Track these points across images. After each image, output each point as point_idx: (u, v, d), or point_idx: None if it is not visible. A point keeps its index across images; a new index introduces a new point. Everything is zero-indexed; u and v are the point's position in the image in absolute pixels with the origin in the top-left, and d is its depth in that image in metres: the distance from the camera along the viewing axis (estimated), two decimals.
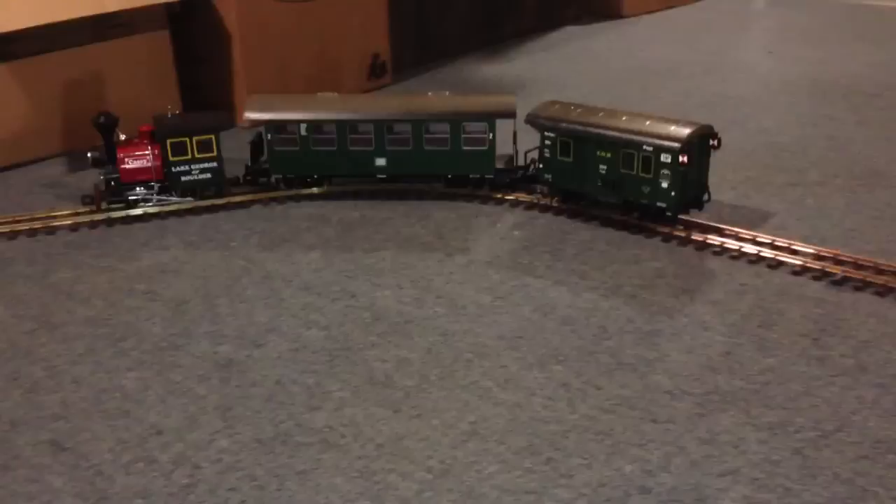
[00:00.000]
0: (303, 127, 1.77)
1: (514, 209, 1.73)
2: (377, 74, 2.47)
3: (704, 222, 1.60)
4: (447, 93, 1.84)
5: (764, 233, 1.56)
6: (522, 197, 1.75)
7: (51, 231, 1.66)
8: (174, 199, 1.74)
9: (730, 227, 1.58)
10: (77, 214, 1.70)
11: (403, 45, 2.61)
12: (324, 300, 1.43)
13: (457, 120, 1.76)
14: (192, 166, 1.73)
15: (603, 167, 1.62)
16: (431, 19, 2.77)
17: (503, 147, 1.78)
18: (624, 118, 1.62)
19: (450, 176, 1.80)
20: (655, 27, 3.20)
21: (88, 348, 1.30)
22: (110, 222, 1.70)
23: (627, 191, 1.61)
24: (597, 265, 1.51)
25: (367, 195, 1.80)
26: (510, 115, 1.75)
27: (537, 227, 1.66)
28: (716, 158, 1.66)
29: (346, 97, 1.89)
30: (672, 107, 2.29)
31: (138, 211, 1.72)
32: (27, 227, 1.66)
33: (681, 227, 1.60)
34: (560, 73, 2.64)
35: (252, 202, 1.78)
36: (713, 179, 1.66)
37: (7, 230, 1.65)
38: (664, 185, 1.56)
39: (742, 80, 2.54)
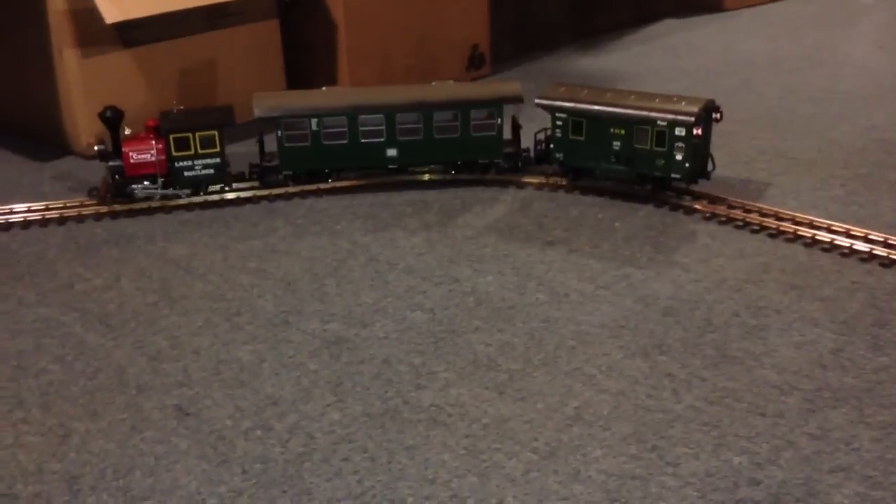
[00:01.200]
0: (313, 121, 1.78)
1: (614, 203, 1.73)
2: (476, 65, 2.49)
3: (814, 219, 1.57)
4: (451, 81, 1.90)
5: (876, 231, 1.53)
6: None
7: (167, 210, 1.75)
8: (179, 193, 1.75)
9: (839, 224, 1.55)
10: (191, 196, 1.79)
11: (501, 36, 2.63)
12: (427, 284, 1.46)
13: (465, 107, 1.78)
14: (195, 161, 1.74)
15: (617, 143, 1.69)
16: (528, 11, 2.78)
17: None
18: (633, 97, 1.71)
19: (459, 162, 1.83)
20: (758, 20, 3.12)
21: (206, 321, 1.37)
22: (222, 204, 1.77)
23: (641, 164, 1.68)
24: (700, 258, 1.50)
25: (466, 183, 1.83)
26: (517, 100, 1.80)
27: (638, 219, 1.65)
28: (825, 155, 1.63)
29: (352, 90, 1.92)
30: (777, 101, 2.25)
31: (248, 193, 1.80)
32: (146, 206, 1.75)
33: (789, 224, 1.57)
34: (659, 66, 2.62)
35: (356, 187, 1.84)
36: (822, 175, 1.63)
37: (126, 209, 1.74)
38: (678, 157, 1.63)
39: (850, 76, 2.47)
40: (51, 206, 1.72)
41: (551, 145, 1.79)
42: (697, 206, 1.66)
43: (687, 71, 2.56)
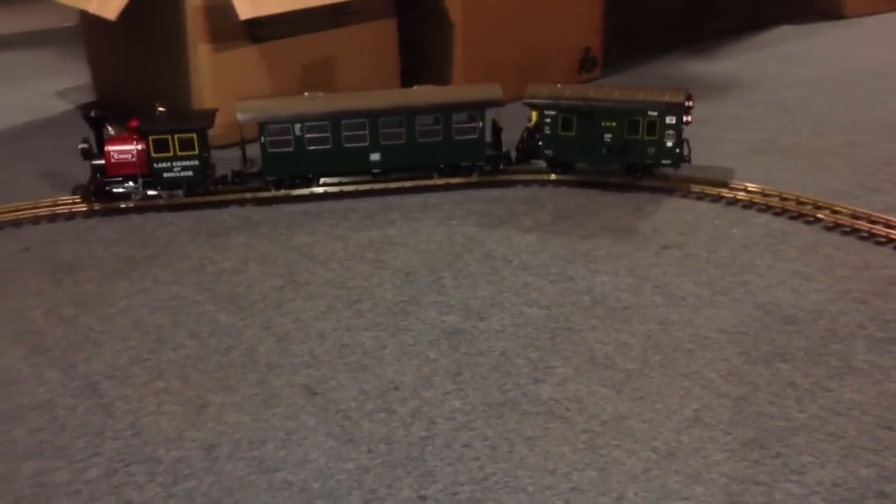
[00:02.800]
0: (296, 127, 1.79)
1: (731, 209, 1.71)
2: (587, 69, 2.50)
3: None
4: (432, 86, 1.90)
5: None
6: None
7: (289, 201, 1.82)
8: (160, 193, 1.78)
9: None
10: (309, 188, 1.86)
11: (609, 39, 2.62)
12: (543, 281, 1.48)
13: (447, 111, 1.80)
14: (174, 163, 1.76)
15: (608, 136, 1.77)
16: (638, 14, 2.76)
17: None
18: (616, 91, 1.80)
19: (442, 165, 1.85)
20: (880, 28, 3.02)
21: (329, 307, 1.42)
22: (341, 196, 1.83)
23: (632, 154, 1.78)
24: (821, 267, 1.47)
25: (580, 185, 1.84)
26: (497, 103, 1.83)
27: (756, 227, 1.63)
28: None
29: (335, 95, 1.92)
30: None
31: (366, 186, 1.85)
32: (271, 195, 1.82)
33: None
34: (774, 73, 2.56)
35: (469, 184, 1.87)
36: None
37: (251, 197, 1.82)
38: (669, 143, 1.75)
39: None
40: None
41: (541, 142, 1.83)
42: (820, 216, 1.63)
43: (804, 79, 2.50)
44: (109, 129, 1.77)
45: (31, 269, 1.54)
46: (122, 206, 1.76)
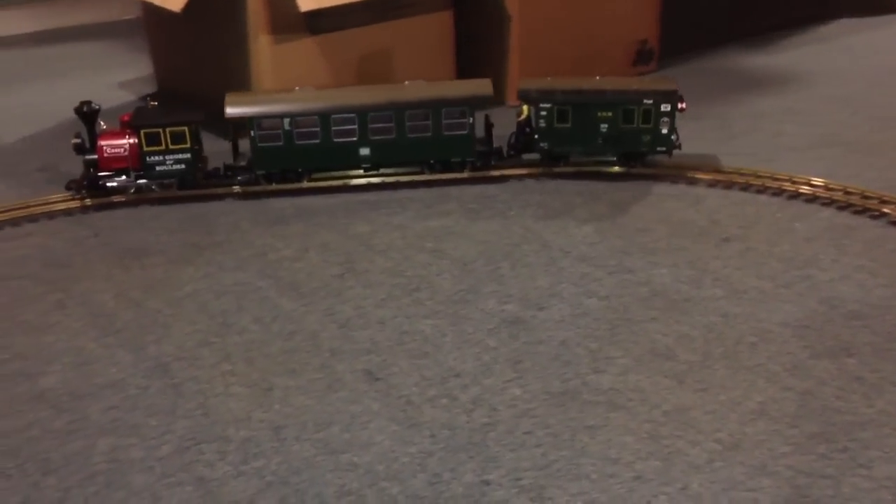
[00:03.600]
0: (286, 121, 1.78)
1: (792, 203, 1.69)
2: (643, 61, 2.48)
3: None
4: (422, 81, 1.88)
5: None
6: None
7: (348, 190, 1.84)
8: (153, 187, 1.79)
9: None
10: (367, 177, 1.88)
11: (666, 32, 2.60)
12: (601, 272, 1.48)
13: (437, 107, 1.79)
14: (166, 157, 1.77)
15: (604, 126, 1.80)
16: (696, 6, 2.73)
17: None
18: (609, 83, 1.84)
19: (432, 161, 1.85)
20: None
21: (389, 294, 1.44)
22: (397, 186, 1.85)
23: (628, 143, 1.82)
24: (888, 263, 1.45)
25: (637, 177, 1.84)
26: (487, 99, 1.82)
27: (819, 221, 1.61)
28: None
29: (324, 90, 1.91)
30: None
31: (423, 177, 1.87)
32: (329, 185, 1.85)
33: None
34: (836, 66, 2.51)
35: (525, 176, 1.87)
36: None
37: (312, 186, 1.84)
38: (664, 131, 1.79)
39: None
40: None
41: (536, 135, 1.84)
42: (886, 210, 1.60)
43: (867, 72, 2.45)
44: (102, 123, 1.78)
45: (99, 254, 1.58)
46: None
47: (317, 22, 2.11)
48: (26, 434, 1.11)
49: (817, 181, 1.71)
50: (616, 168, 1.86)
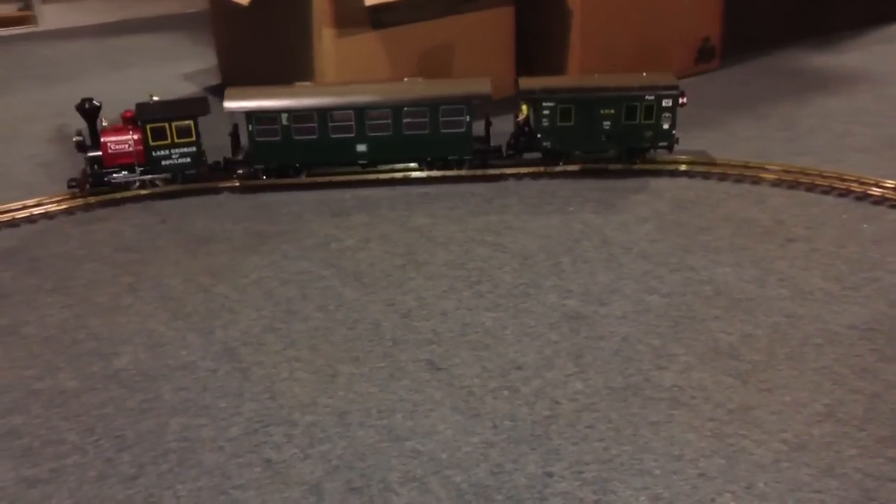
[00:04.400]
0: (284, 116, 1.78)
1: (861, 204, 1.66)
2: (705, 59, 2.45)
3: None
4: (420, 79, 1.87)
5: None
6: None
7: (408, 182, 1.86)
8: (157, 181, 1.79)
9: None
10: (425, 170, 1.89)
11: (729, 29, 2.57)
12: (662, 270, 1.47)
13: (434, 104, 1.79)
14: (172, 151, 1.77)
15: (607, 123, 1.82)
16: (759, 4, 2.69)
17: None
18: (610, 79, 1.85)
19: (429, 158, 1.85)
20: None
21: (450, 287, 1.45)
22: (458, 180, 1.86)
23: (631, 139, 1.84)
24: None
25: (697, 174, 1.82)
26: (485, 97, 1.81)
27: (888, 223, 1.58)
28: None
29: (323, 86, 1.91)
30: None
31: (481, 172, 1.87)
32: (389, 177, 1.87)
33: None
34: None
35: (585, 171, 1.87)
36: None
37: (373, 178, 1.87)
38: (666, 126, 1.82)
39: None
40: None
41: (538, 134, 1.84)
42: None
43: None
44: (103, 120, 1.77)
45: (168, 240, 1.62)
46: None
47: (380, 16, 2.13)
48: (101, 411, 1.15)
49: (887, 183, 1.68)
50: (683, 166, 1.85)
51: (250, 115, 1.79)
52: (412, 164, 1.88)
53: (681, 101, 1.81)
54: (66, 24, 3.30)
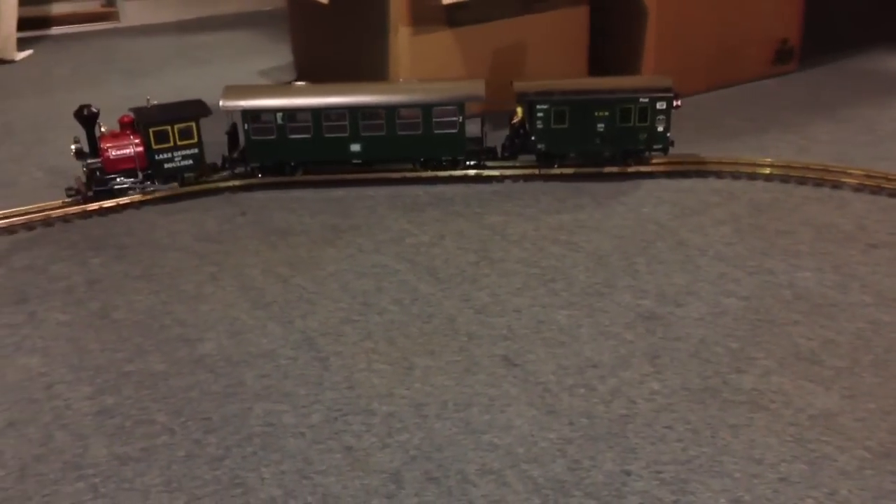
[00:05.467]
0: (279, 115, 1.79)
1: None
2: (782, 60, 2.41)
3: None
4: (415, 79, 1.87)
5: None
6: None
7: (481, 180, 1.87)
8: (159, 186, 1.79)
9: None
10: (515, 168, 1.90)
11: (808, 31, 2.51)
12: (740, 272, 1.46)
13: (428, 105, 1.79)
14: (175, 153, 1.77)
15: (601, 125, 1.83)
16: (839, 6, 2.63)
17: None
18: (604, 82, 1.88)
19: (422, 158, 1.86)
20: None
21: (524, 284, 1.46)
22: (530, 178, 1.87)
23: (625, 141, 1.84)
24: None
25: (775, 179, 1.79)
26: (479, 98, 1.83)
27: None
28: None
29: (318, 86, 1.90)
30: None
31: (557, 171, 1.87)
32: (462, 174, 1.88)
33: None
34: None
35: (659, 173, 1.86)
36: None
37: (445, 175, 1.88)
38: (660, 128, 1.82)
39: None
40: (377, 168, 1.91)
41: (532, 136, 1.84)
42: None
43: None
44: (102, 126, 1.75)
45: (247, 231, 1.67)
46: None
47: (455, 15, 2.15)
48: (188, 395, 1.19)
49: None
50: (767, 170, 1.82)
51: (246, 113, 1.81)
52: (488, 163, 1.90)
53: (675, 103, 1.81)
54: (146, 20, 3.41)
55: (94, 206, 1.74)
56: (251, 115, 1.81)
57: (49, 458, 1.07)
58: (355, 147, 1.84)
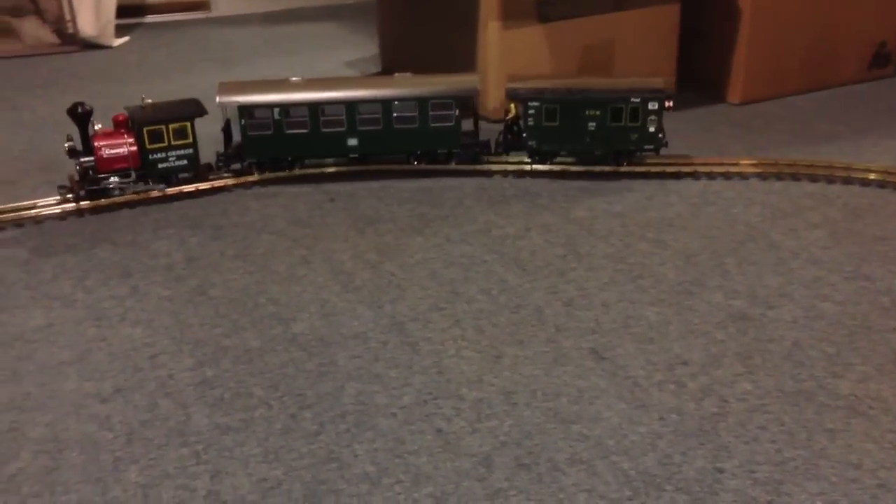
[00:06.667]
0: (276, 111, 1.77)
1: None
2: (879, 64, 2.34)
3: None
4: (410, 74, 1.88)
5: None
6: None
7: (567, 176, 1.87)
8: (151, 186, 1.75)
9: None
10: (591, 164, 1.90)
11: None
12: (835, 277, 1.42)
13: (424, 99, 1.80)
14: (169, 153, 1.74)
15: (592, 124, 1.82)
16: None
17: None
18: (598, 81, 1.90)
19: (419, 152, 1.87)
20: None
21: (611, 279, 1.45)
22: (617, 176, 1.86)
23: (616, 141, 1.84)
24: None
25: (872, 184, 1.75)
26: (473, 92, 1.85)
27: None
28: None
29: (315, 80, 1.87)
30: None
31: (643, 168, 1.86)
32: (549, 169, 1.89)
33: None
34: None
35: (750, 174, 1.83)
36: None
37: (531, 170, 1.89)
38: (651, 129, 1.82)
39: None
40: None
41: (524, 133, 1.86)
42: None
43: None
44: (96, 125, 1.72)
45: (337, 217, 1.70)
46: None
47: (546, 10, 2.15)
48: (283, 371, 1.22)
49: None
50: (863, 174, 1.77)
51: (242, 109, 1.80)
52: (570, 159, 1.89)
53: (667, 104, 1.81)
54: (236, 10, 3.49)
55: (190, 187, 1.81)
56: (248, 110, 1.80)
57: (154, 424, 1.11)
58: (352, 141, 1.85)
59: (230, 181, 1.84)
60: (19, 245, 1.60)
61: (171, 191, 1.78)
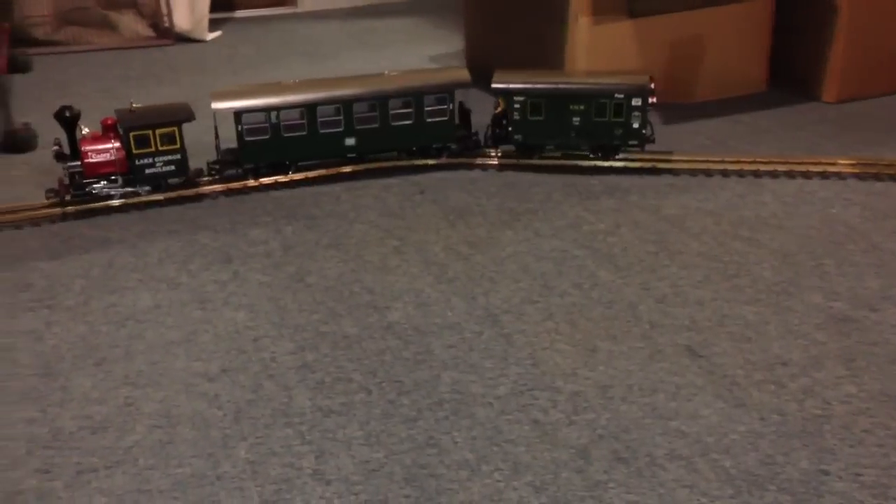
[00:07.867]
0: (272, 114, 1.76)
1: None
2: None
3: None
4: (400, 71, 1.90)
5: None
6: None
7: (655, 172, 1.85)
8: (140, 191, 1.73)
9: None
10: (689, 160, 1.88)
11: None
12: None
13: (419, 94, 1.81)
14: (156, 159, 1.71)
15: (576, 119, 1.84)
16: None
17: None
18: (583, 76, 1.95)
19: (414, 148, 1.88)
20: None
21: (706, 277, 1.44)
22: (710, 172, 1.84)
23: (600, 136, 1.85)
24: None
25: None
26: (466, 85, 1.87)
27: None
28: None
29: (308, 81, 1.86)
30: None
31: (735, 166, 1.83)
32: (639, 166, 1.88)
33: None
34: None
35: (848, 174, 1.78)
36: None
37: (619, 166, 1.88)
38: (635, 125, 1.83)
39: None
40: (548, 156, 1.92)
41: (510, 127, 1.87)
42: None
43: None
44: (83, 128, 1.70)
45: (427, 210, 1.72)
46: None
47: (635, 6, 2.13)
48: (381, 358, 1.25)
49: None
50: None
51: (238, 114, 1.77)
52: (661, 156, 1.87)
53: (650, 100, 1.81)
54: (321, 6, 3.55)
55: (283, 178, 1.86)
56: (244, 115, 1.77)
57: (259, 404, 1.15)
58: (350, 141, 1.85)
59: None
60: (126, 230, 1.67)
61: (267, 181, 1.82)
